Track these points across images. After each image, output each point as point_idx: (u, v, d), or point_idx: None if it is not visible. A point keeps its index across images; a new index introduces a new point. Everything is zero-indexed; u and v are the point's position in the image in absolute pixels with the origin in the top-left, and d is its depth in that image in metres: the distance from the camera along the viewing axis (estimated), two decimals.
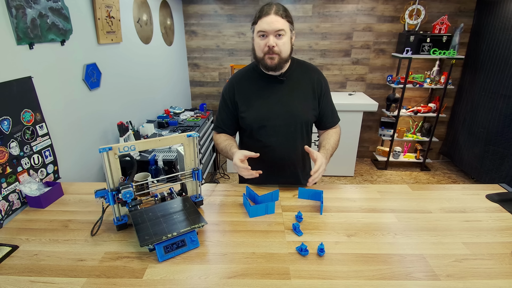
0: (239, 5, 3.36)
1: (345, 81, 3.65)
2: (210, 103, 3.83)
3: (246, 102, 1.27)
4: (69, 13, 1.55)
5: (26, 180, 1.23)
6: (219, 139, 1.33)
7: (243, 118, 1.28)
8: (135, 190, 1.03)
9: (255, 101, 1.26)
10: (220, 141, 1.32)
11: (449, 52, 3.10)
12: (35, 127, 1.32)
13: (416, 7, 3.16)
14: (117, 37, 2.03)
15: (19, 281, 0.82)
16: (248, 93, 1.27)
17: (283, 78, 1.24)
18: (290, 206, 1.19)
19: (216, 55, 3.61)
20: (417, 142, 3.77)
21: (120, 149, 0.97)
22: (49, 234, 1.03)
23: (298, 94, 1.26)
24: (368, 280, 0.82)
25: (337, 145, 1.33)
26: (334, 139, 1.32)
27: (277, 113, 1.25)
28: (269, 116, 1.25)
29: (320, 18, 3.38)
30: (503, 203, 1.21)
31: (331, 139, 1.31)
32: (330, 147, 1.29)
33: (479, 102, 3.12)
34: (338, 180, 3.45)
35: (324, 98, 1.31)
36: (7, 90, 1.18)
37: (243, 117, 1.28)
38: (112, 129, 2.00)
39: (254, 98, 1.26)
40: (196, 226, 0.96)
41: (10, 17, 1.19)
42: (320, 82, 1.29)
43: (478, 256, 0.92)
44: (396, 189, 1.33)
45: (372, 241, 0.99)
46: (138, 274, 0.85)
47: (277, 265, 0.88)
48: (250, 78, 1.28)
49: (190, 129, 2.47)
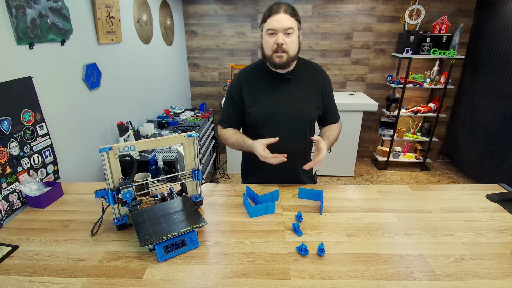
0: (239, 5, 3.36)
1: (345, 81, 3.65)
2: (210, 103, 3.83)
3: (252, 98, 1.29)
4: (69, 13, 1.55)
5: (26, 180, 1.23)
6: (227, 134, 1.35)
7: (248, 114, 1.30)
8: (135, 190, 1.03)
9: (261, 97, 1.28)
10: (228, 135, 1.34)
11: (449, 52, 3.10)
12: (35, 127, 1.32)
13: (416, 7, 3.16)
14: (117, 37, 2.03)
15: (19, 281, 0.82)
16: (254, 89, 1.29)
17: (289, 76, 1.27)
18: (290, 206, 1.19)
19: (216, 55, 3.61)
20: (417, 142, 3.77)
21: (120, 149, 0.97)
22: (49, 234, 1.03)
23: (303, 92, 1.29)
24: (368, 280, 0.82)
25: (337, 138, 1.37)
26: (336, 132, 1.36)
27: (282, 110, 1.27)
28: (275, 113, 1.27)
29: (320, 18, 3.38)
30: (503, 203, 1.21)
31: (333, 132, 1.35)
32: (332, 139, 1.33)
33: (479, 102, 3.12)
34: (338, 180, 3.45)
35: (329, 98, 1.35)
36: (7, 90, 1.18)
37: (249, 112, 1.30)
38: (112, 129, 2.00)
39: (260, 94, 1.28)
40: (196, 226, 0.96)
41: (10, 17, 1.19)
42: (325, 81, 1.33)
43: (478, 256, 0.92)
44: (396, 189, 1.33)
45: (372, 241, 0.99)
46: (138, 274, 0.85)
47: (277, 265, 0.88)
48: (257, 75, 1.31)
49: (190, 129, 2.47)
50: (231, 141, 1.33)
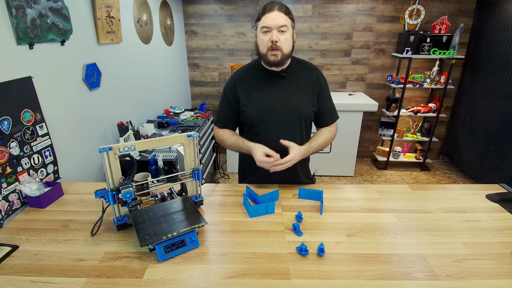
0: (239, 5, 3.36)
1: (345, 81, 3.65)
2: (210, 103, 3.83)
3: (247, 96, 1.30)
4: (69, 13, 1.55)
5: (26, 180, 1.23)
6: (224, 135, 1.36)
7: (243, 112, 1.31)
8: (135, 190, 1.03)
9: (256, 96, 1.29)
10: (226, 137, 1.35)
11: (449, 52, 3.10)
12: (35, 127, 1.32)
13: (416, 7, 3.16)
14: (117, 37, 2.03)
15: (19, 281, 0.82)
16: (249, 88, 1.30)
17: (284, 74, 1.27)
18: (290, 206, 1.19)
19: (216, 55, 3.61)
20: (417, 142, 3.77)
21: (120, 149, 0.97)
22: (49, 234, 1.03)
23: (298, 90, 1.29)
24: (368, 280, 0.82)
25: (327, 144, 1.34)
26: (323, 138, 1.33)
27: (277, 107, 1.27)
28: (269, 111, 1.27)
29: (320, 18, 3.38)
30: (503, 203, 1.21)
31: (321, 137, 1.32)
32: (315, 144, 1.30)
33: (479, 102, 3.12)
34: (338, 180, 3.45)
35: (323, 96, 1.33)
36: (7, 90, 1.18)
37: (244, 110, 1.30)
38: (112, 129, 2.00)
39: (255, 93, 1.29)
40: (196, 226, 0.96)
41: (10, 17, 1.19)
42: (319, 79, 1.32)
43: (478, 256, 0.92)
44: (396, 189, 1.33)
45: (372, 241, 0.99)
46: (138, 274, 0.85)
47: (277, 265, 0.88)
48: (252, 74, 1.32)
49: (190, 129, 2.47)
50: (229, 143, 1.33)
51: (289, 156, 1.18)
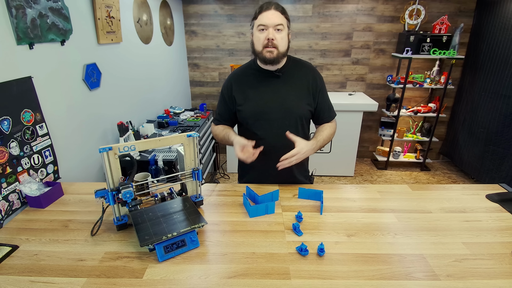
0: (239, 5, 3.36)
1: (345, 81, 3.65)
2: (210, 103, 3.83)
3: (243, 96, 1.31)
4: (69, 13, 1.55)
5: (26, 180, 1.23)
6: (217, 130, 1.41)
7: (239, 111, 1.33)
8: (135, 190, 1.03)
9: (252, 95, 1.30)
10: (218, 131, 1.40)
11: (449, 52, 3.10)
12: (35, 127, 1.32)
13: (416, 7, 3.16)
14: (117, 37, 2.03)
15: (19, 281, 0.82)
16: (245, 88, 1.32)
17: (279, 73, 1.29)
18: (290, 206, 1.19)
19: (216, 55, 3.61)
20: (417, 142, 3.77)
21: (120, 149, 0.97)
22: (49, 234, 1.03)
23: (293, 89, 1.30)
24: (368, 280, 0.82)
25: (330, 138, 1.36)
26: (327, 132, 1.34)
27: (272, 106, 1.28)
28: (265, 110, 1.29)
29: (320, 18, 3.38)
30: (503, 203, 1.21)
31: (324, 131, 1.34)
32: (321, 138, 1.31)
33: (479, 102, 3.12)
34: (338, 180, 3.45)
35: (320, 94, 1.34)
36: (7, 90, 1.18)
37: (240, 110, 1.32)
38: (112, 129, 2.00)
39: (250, 92, 1.31)
40: (196, 226, 0.96)
41: (10, 17, 1.19)
42: (315, 78, 1.33)
43: (478, 256, 0.92)
44: (396, 189, 1.33)
45: (372, 241, 0.99)
46: (138, 274, 0.85)
47: (277, 265, 0.88)
48: (248, 74, 1.34)
49: (190, 129, 2.47)
50: (220, 138, 1.38)
51: (295, 149, 1.17)
